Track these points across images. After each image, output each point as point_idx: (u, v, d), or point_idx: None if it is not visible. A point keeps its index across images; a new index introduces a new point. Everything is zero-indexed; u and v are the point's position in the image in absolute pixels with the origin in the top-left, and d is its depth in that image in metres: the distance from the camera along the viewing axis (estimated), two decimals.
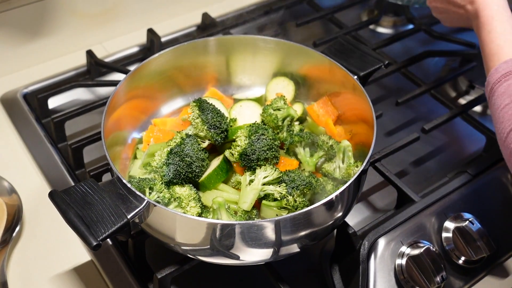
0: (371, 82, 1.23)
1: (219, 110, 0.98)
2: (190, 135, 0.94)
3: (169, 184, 0.90)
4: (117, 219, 0.78)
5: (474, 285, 0.97)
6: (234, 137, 0.95)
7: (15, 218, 1.01)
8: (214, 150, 1.00)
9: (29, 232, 1.02)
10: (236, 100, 1.08)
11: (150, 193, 0.86)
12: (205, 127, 0.94)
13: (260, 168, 0.90)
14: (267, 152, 0.92)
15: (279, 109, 1.00)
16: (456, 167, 1.13)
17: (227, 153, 0.94)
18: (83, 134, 1.10)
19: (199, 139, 0.95)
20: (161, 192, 0.87)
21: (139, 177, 0.90)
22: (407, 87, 1.31)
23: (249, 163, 0.92)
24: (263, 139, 0.92)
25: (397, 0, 1.42)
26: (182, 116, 1.04)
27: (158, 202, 0.85)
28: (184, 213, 0.87)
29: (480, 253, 0.94)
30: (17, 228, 0.99)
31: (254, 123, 0.96)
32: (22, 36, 1.30)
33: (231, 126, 1.00)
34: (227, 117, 0.99)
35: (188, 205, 0.88)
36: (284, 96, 1.03)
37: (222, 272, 0.96)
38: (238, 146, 0.92)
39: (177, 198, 0.88)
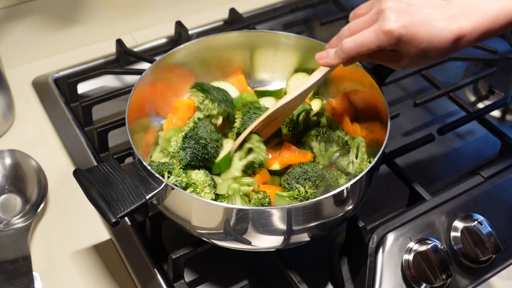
0: (391, 83, 1.26)
1: (218, 86, 1.04)
2: (202, 119, 0.98)
3: (187, 167, 0.94)
4: (136, 199, 0.81)
5: (480, 284, 0.98)
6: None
7: (41, 195, 1.05)
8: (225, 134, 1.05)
9: (53, 209, 1.06)
10: (256, 93, 1.11)
11: (168, 176, 0.90)
12: (216, 104, 0.99)
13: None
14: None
15: None
16: (469, 169, 1.15)
17: (229, 135, 1.01)
18: (109, 119, 1.14)
19: (212, 120, 1.00)
20: (179, 176, 0.90)
21: (158, 161, 0.94)
22: (426, 89, 1.33)
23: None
24: (254, 118, 0.98)
25: None
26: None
27: (176, 185, 0.89)
28: None
29: (487, 254, 0.95)
30: (42, 205, 1.04)
31: (247, 104, 1.02)
32: (55, 23, 1.35)
33: None
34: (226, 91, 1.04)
35: (202, 191, 0.92)
36: None
37: (233, 256, 0.99)
38: (235, 127, 0.99)
39: (192, 183, 0.91)
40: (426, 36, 0.80)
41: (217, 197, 0.93)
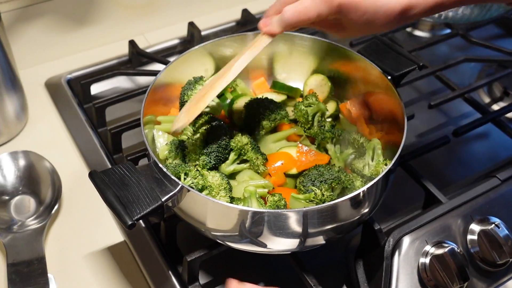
0: (405, 84, 1.25)
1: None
2: (215, 118, 0.98)
3: (211, 169, 0.95)
4: (152, 201, 0.81)
5: None
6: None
7: (55, 196, 1.05)
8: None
9: (67, 211, 1.06)
10: (275, 85, 1.12)
11: (185, 178, 0.89)
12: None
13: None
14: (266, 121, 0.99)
15: (310, 105, 1.03)
16: (486, 171, 1.14)
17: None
18: (123, 120, 1.14)
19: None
20: (195, 178, 0.90)
21: (175, 162, 0.93)
22: (441, 91, 1.32)
23: (250, 129, 1.01)
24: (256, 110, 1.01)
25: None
26: None
27: (192, 187, 0.89)
28: None
29: (504, 257, 0.94)
30: (56, 206, 1.04)
31: (251, 98, 1.04)
32: (68, 24, 1.35)
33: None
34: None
35: (218, 194, 0.91)
36: (315, 93, 1.05)
37: (248, 259, 0.98)
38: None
39: (208, 186, 0.91)
40: (371, 6, 0.75)
41: (232, 199, 0.93)
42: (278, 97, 1.10)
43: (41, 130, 1.21)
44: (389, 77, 0.99)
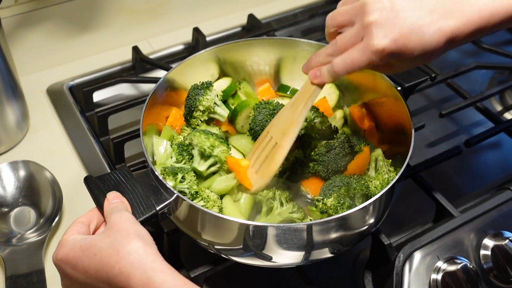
0: (415, 92, 1.22)
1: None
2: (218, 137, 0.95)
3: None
4: (146, 209, 0.79)
5: None
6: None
7: (55, 208, 1.03)
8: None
9: (68, 223, 1.04)
10: (281, 88, 1.10)
11: (181, 181, 0.87)
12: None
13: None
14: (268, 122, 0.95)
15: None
16: (498, 183, 1.11)
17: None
18: (126, 128, 1.12)
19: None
20: (190, 182, 0.88)
21: (171, 165, 0.91)
22: (451, 99, 1.29)
23: (256, 134, 0.96)
24: (264, 112, 0.97)
25: None
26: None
27: (185, 193, 0.87)
28: None
29: None
30: (57, 218, 1.01)
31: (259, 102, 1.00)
32: (70, 29, 1.33)
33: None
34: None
35: (212, 208, 0.89)
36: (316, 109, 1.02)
37: (253, 276, 0.96)
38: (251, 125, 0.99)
39: (205, 198, 0.89)
40: (418, 45, 0.75)
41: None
42: (284, 102, 1.07)
43: (42, 139, 1.19)
44: (399, 88, 0.96)
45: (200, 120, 1.00)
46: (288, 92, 1.09)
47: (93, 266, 0.70)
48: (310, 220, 0.90)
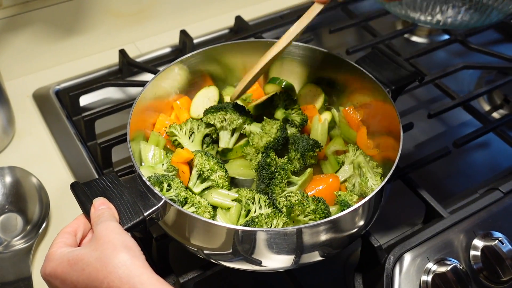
0: (403, 93, 1.22)
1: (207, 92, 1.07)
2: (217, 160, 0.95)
3: None
4: (134, 215, 0.79)
5: None
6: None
7: (42, 214, 1.01)
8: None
9: (55, 229, 1.02)
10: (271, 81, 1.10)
11: (168, 189, 0.87)
12: (238, 114, 1.00)
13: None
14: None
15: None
16: (487, 183, 1.11)
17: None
18: (113, 132, 1.11)
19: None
20: (177, 189, 0.87)
21: (158, 174, 0.90)
22: (440, 99, 1.29)
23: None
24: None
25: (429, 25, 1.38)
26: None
27: (174, 201, 0.86)
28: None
29: (508, 274, 0.91)
30: (44, 225, 1.00)
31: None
32: (56, 33, 1.31)
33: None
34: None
35: (203, 214, 0.88)
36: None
37: (243, 281, 0.95)
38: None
39: (195, 204, 0.88)
40: None
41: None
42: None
43: (28, 144, 1.17)
44: (387, 90, 0.96)
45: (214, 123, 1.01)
46: (277, 82, 1.09)
47: (81, 281, 0.70)
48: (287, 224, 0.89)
